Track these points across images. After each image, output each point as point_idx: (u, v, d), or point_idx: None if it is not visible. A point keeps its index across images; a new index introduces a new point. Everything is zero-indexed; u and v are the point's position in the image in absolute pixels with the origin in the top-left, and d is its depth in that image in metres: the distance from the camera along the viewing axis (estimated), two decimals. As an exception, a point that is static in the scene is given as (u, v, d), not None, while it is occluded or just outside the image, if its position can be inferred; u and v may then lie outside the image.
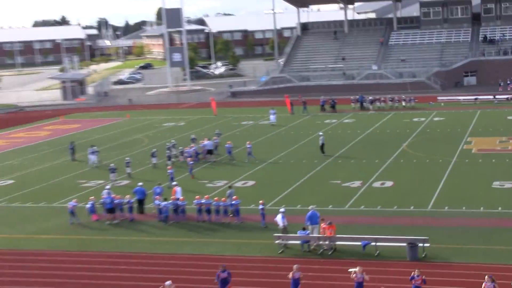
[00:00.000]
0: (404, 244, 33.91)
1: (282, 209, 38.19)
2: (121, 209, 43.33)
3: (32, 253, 37.80)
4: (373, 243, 34.72)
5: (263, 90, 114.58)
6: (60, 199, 48.70)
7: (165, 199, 42.75)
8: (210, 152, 60.58)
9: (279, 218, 37.20)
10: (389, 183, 49.00)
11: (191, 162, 55.44)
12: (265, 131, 75.98)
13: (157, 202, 43.08)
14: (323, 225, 36.10)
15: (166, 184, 48.73)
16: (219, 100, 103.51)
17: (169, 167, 53.82)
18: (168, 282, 28.26)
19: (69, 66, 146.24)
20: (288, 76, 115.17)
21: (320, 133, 63.37)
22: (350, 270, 29.26)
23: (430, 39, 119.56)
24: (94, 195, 46.00)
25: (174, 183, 47.50)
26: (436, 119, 78.22)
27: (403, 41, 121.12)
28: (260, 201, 40.80)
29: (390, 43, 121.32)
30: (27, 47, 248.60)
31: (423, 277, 27.75)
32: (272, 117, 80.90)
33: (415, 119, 78.19)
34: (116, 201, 43.27)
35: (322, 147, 60.59)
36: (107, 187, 47.05)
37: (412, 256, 33.34)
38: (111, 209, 43.04)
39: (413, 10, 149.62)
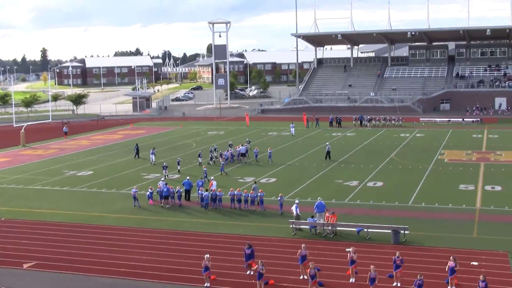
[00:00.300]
0: (389, 231, 33.46)
1: (296, 201, 37.91)
2: (173, 197, 43.19)
3: (103, 227, 37.76)
4: (365, 229, 34.31)
5: (286, 109, 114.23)
6: (127, 187, 48.62)
7: (206, 190, 42.51)
8: (243, 155, 60.24)
9: (293, 208, 36.86)
10: (379, 183, 48.40)
11: (223, 163, 55.06)
12: (286, 140, 75.53)
13: (200, 192, 42.88)
14: (327, 214, 35.76)
15: (205, 179, 48.48)
16: (251, 115, 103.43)
17: (204, 166, 53.47)
18: (206, 255, 28.07)
19: (139, 86, 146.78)
20: (306, 98, 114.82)
21: (327, 143, 63.02)
22: (347, 249, 28.80)
23: (415, 73, 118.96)
24: (152, 185, 46.01)
25: (212, 177, 47.17)
26: (418, 135, 77.33)
27: (395, 74, 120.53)
28: (279, 194, 40.54)
29: (385, 76, 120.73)
30: (109, 71, 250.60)
31: (401, 257, 27.29)
32: (292, 129, 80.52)
33: (402, 135, 77.39)
34: (170, 190, 43.17)
35: (328, 154, 60.10)
36: (162, 179, 47.04)
37: (395, 240, 32.87)
38: (166, 196, 42.89)
39: (404, 51, 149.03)
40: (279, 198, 39.84)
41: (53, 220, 39.71)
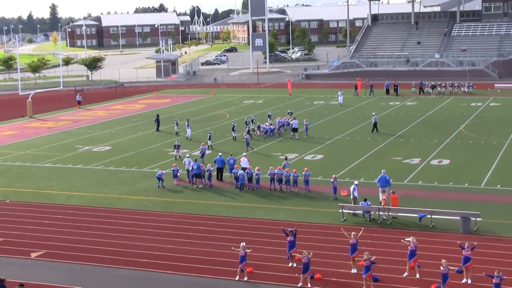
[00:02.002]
0: (458, 218, 32.95)
1: (356, 182, 37.60)
2: (203, 176, 43.18)
3: (122, 211, 38.04)
4: (428, 216, 33.87)
5: (334, 74, 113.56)
6: (150, 165, 48.96)
7: (243, 169, 42.40)
8: (295, 130, 59.06)
9: (351, 189, 36.61)
10: (446, 161, 47.73)
11: (247, 137, 54.30)
12: (334, 110, 75.02)
13: (234, 170, 42.82)
14: (383, 196, 35.46)
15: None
16: (294, 82, 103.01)
17: (202, 144, 52.20)
18: (242, 244, 27.97)
19: (164, 48, 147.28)
20: (358, 61, 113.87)
21: (373, 113, 62.55)
22: (406, 239, 28.36)
23: (490, 31, 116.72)
24: (177, 163, 46.16)
25: (244, 154, 46.76)
26: (492, 104, 76.03)
27: (465, 32, 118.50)
28: (333, 176, 40.03)
29: (452, 34, 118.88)
30: (129, 31, 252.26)
31: (474, 244, 26.98)
32: (340, 98, 79.74)
33: (473, 104, 76.20)
34: (201, 168, 43.20)
35: (375, 125, 59.62)
36: (187, 156, 47.17)
37: (465, 229, 32.36)
38: (197, 175, 42.92)
39: (476, 5, 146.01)
40: (332, 180, 39.27)
41: (65, 203, 40.18)
